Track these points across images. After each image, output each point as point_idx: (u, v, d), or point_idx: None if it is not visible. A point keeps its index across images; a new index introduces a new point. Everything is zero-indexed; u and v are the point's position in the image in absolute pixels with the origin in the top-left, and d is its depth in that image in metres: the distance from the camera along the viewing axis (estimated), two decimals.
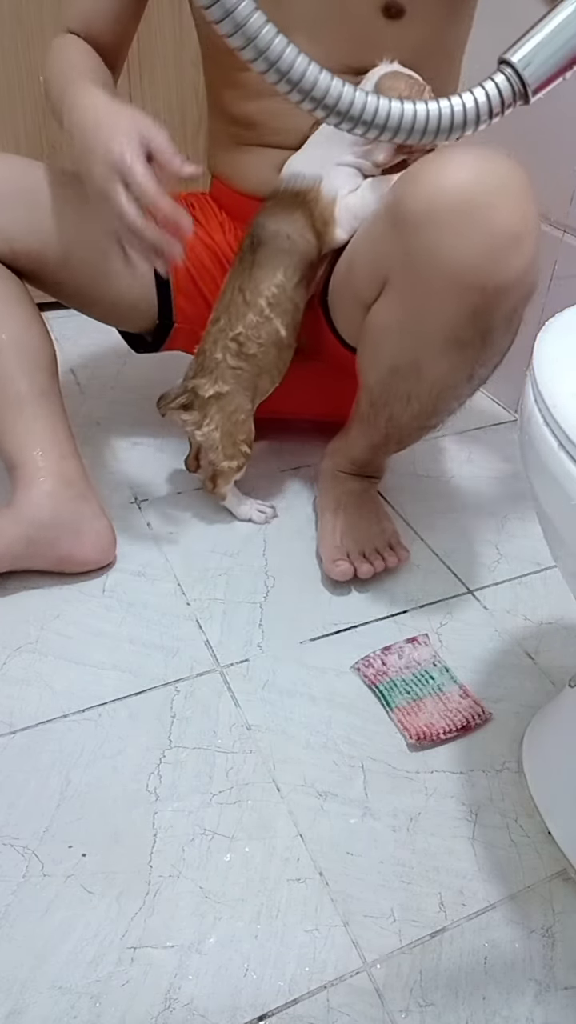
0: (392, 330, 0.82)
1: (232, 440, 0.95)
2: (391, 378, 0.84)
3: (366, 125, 0.63)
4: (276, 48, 0.58)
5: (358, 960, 0.63)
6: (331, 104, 0.61)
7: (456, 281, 0.72)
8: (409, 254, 0.74)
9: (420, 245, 0.73)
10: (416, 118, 0.63)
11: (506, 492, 1.15)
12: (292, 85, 0.60)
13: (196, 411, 0.93)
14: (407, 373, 0.83)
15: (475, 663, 0.88)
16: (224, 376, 0.91)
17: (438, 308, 0.75)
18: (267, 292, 0.88)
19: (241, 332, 0.89)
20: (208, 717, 0.80)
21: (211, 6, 0.55)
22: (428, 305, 0.75)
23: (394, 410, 0.87)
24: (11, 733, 0.77)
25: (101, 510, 0.94)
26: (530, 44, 0.63)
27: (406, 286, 0.78)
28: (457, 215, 0.70)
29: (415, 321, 0.78)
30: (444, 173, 0.71)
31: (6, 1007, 0.59)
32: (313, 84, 0.60)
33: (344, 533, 0.96)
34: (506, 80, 0.63)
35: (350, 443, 0.97)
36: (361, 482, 1.01)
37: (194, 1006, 0.59)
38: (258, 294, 0.89)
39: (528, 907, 0.67)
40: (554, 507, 0.54)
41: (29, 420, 0.91)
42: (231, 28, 0.56)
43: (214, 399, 0.92)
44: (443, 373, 0.81)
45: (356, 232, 0.89)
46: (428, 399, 0.85)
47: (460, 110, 0.64)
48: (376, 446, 0.95)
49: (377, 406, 0.88)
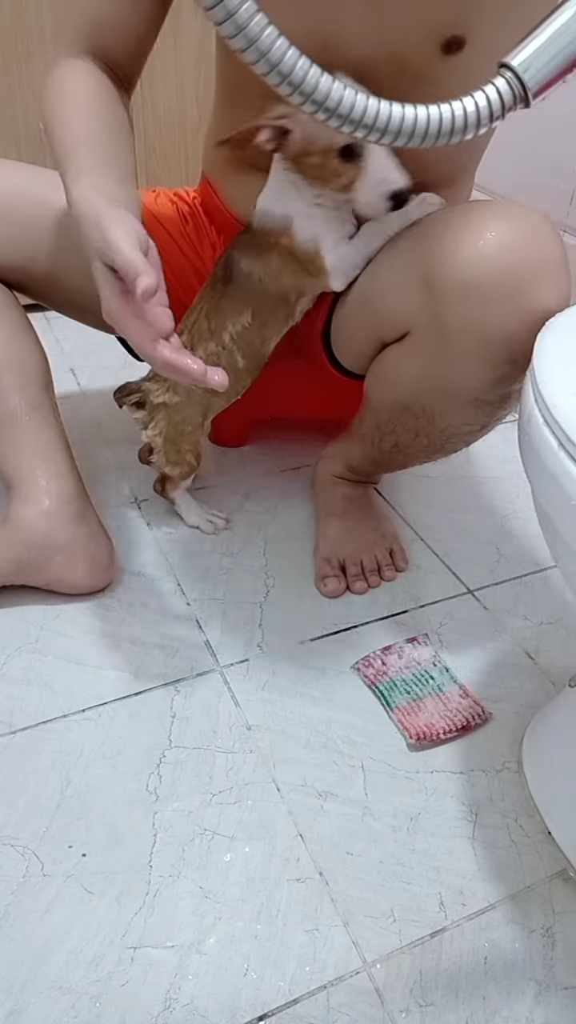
0: (410, 376, 0.80)
1: (176, 448, 0.94)
2: (402, 414, 0.84)
3: (367, 128, 0.63)
4: (266, 40, 0.57)
5: (358, 960, 0.63)
6: (332, 107, 0.61)
7: (490, 352, 0.71)
8: (441, 319, 0.73)
9: (455, 313, 0.71)
10: (417, 122, 0.63)
11: (506, 492, 1.15)
12: (290, 84, 0.60)
13: (146, 412, 0.93)
14: (419, 414, 0.82)
15: (475, 663, 0.88)
16: (176, 388, 0.90)
17: (465, 372, 0.74)
18: (231, 328, 0.86)
19: (201, 356, 0.87)
20: (208, 717, 0.80)
21: (214, 7, 0.55)
22: (454, 367, 0.74)
23: (401, 439, 0.87)
24: (11, 733, 0.77)
25: (101, 530, 0.92)
26: (530, 48, 0.63)
27: (433, 345, 0.76)
28: (498, 289, 0.68)
29: (437, 377, 0.77)
30: (484, 242, 0.69)
31: (6, 1007, 0.59)
32: (314, 86, 0.60)
33: (340, 543, 0.95)
34: (507, 84, 0.63)
35: (350, 452, 0.96)
36: (357, 488, 1.00)
37: (194, 1006, 0.59)
38: (222, 328, 0.86)
39: (528, 907, 0.67)
40: (554, 507, 0.54)
41: (22, 436, 0.89)
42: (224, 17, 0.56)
43: (162, 407, 0.92)
44: (457, 424, 0.81)
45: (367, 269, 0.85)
46: (438, 439, 0.84)
47: (461, 114, 0.64)
48: (377, 463, 0.95)
49: (384, 431, 0.88)
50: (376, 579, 0.94)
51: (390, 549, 0.97)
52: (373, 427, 0.89)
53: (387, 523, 1.00)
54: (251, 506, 1.08)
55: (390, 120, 0.63)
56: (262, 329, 0.88)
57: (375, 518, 1.00)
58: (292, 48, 0.59)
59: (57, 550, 0.87)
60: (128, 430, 1.20)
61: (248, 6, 0.56)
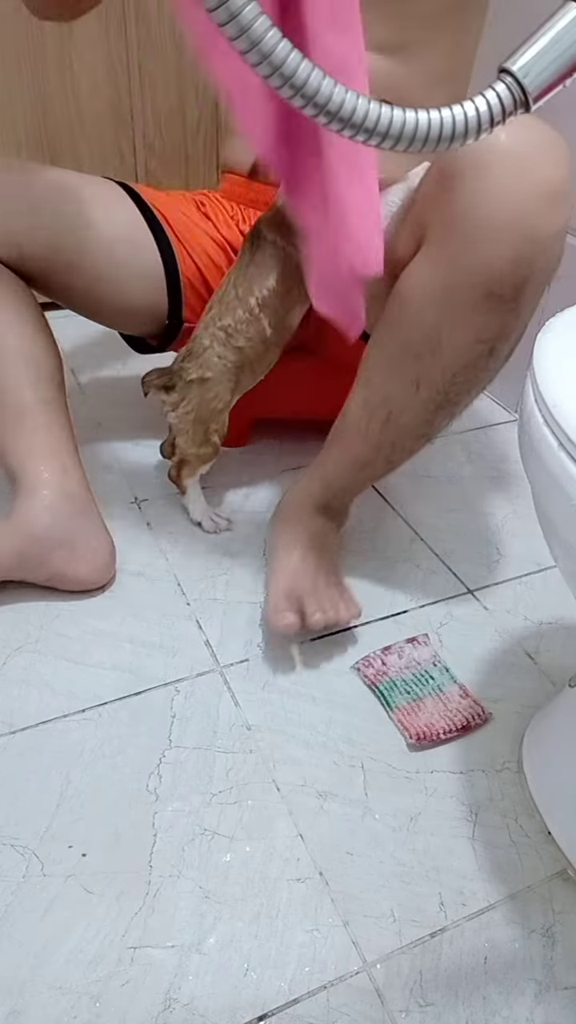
0: (422, 290, 0.77)
1: (204, 428, 0.95)
2: (402, 359, 0.80)
3: (367, 132, 0.63)
4: (269, 43, 0.57)
5: (358, 960, 0.63)
6: (333, 110, 0.61)
7: (501, 229, 0.71)
8: (453, 204, 0.73)
9: (467, 193, 0.71)
10: (418, 127, 0.64)
11: (506, 492, 1.15)
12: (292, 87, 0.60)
13: (176, 393, 0.94)
14: (423, 349, 0.79)
15: (475, 663, 0.88)
16: (209, 363, 0.92)
17: (478, 259, 0.72)
18: (258, 293, 0.89)
19: (230, 324, 0.90)
20: (208, 717, 0.80)
21: (217, 8, 0.55)
22: (468, 256, 0.73)
23: (394, 407, 0.83)
24: (11, 733, 0.77)
25: (103, 527, 0.93)
26: (530, 52, 0.64)
27: (446, 239, 0.75)
28: (506, 166, 0.69)
29: (451, 275, 0.74)
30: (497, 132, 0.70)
31: (6, 1007, 0.59)
32: (316, 89, 0.60)
33: (301, 577, 0.87)
34: (507, 89, 0.64)
35: (327, 466, 0.92)
36: (326, 523, 0.94)
37: (194, 1006, 0.59)
38: (249, 293, 0.89)
39: (528, 907, 0.67)
40: (554, 507, 0.54)
41: (31, 431, 0.90)
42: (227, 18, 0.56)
43: (196, 383, 0.92)
44: (465, 344, 0.77)
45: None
46: (439, 384, 0.80)
47: (462, 119, 0.65)
48: (361, 464, 0.90)
49: (373, 406, 0.85)
50: (334, 613, 0.85)
51: (342, 594, 0.89)
52: (360, 407, 0.85)
53: (341, 574, 0.93)
54: (251, 506, 1.08)
55: (391, 124, 0.63)
56: (286, 296, 0.90)
57: (334, 568, 0.93)
58: (295, 51, 0.59)
59: (59, 544, 0.88)
60: (128, 430, 1.20)
61: (251, 7, 0.56)
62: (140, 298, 0.99)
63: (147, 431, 1.19)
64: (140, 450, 1.16)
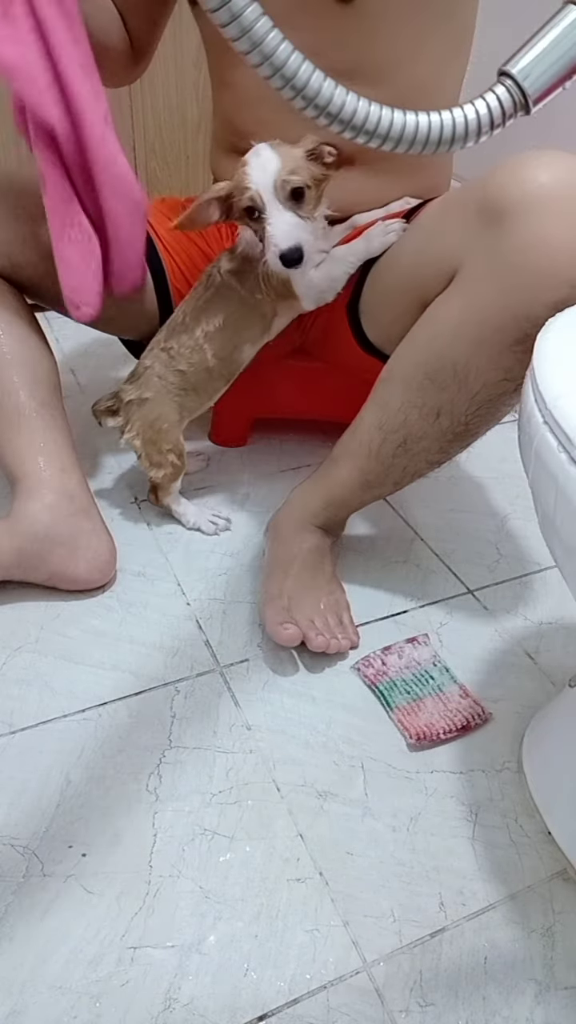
0: (453, 322, 0.76)
1: (156, 447, 0.95)
2: (426, 389, 0.79)
3: (368, 134, 0.63)
4: (271, 44, 0.57)
5: (358, 960, 0.63)
6: (334, 112, 0.61)
7: (547, 275, 0.69)
8: (497, 244, 0.71)
9: (513, 236, 0.70)
10: (418, 129, 0.64)
11: (506, 492, 1.15)
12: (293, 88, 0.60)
13: (121, 416, 0.95)
14: (449, 382, 0.78)
15: (475, 663, 0.88)
16: (148, 383, 0.93)
17: (519, 302, 0.71)
18: (205, 327, 0.91)
19: (173, 347, 0.92)
20: (208, 717, 0.80)
21: (218, 9, 0.55)
22: (508, 299, 0.71)
23: (412, 431, 0.82)
24: (11, 733, 0.77)
25: (103, 527, 0.93)
26: (529, 55, 0.64)
27: (486, 278, 0.73)
28: (554, 211, 0.68)
29: (488, 315, 0.73)
30: (539, 168, 0.70)
31: (6, 1007, 0.59)
32: (316, 91, 0.60)
33: (298, 595, 0.87)
34: (506, 91, 0.64)
35: (331, 483, 0.90)
36: (323, 538, 0.93)
37: (194, 1006, 0.59)
38: (197, 324, 0.91)
39: (528, 907, 0.67)
40: (554, 507, 0.54)
41: (29, 432, 0.90)
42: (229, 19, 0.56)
43: (135, 404, 0.94)
44: (493, 381, 0.76)
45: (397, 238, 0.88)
46: (462, 416, 0.80)
47: (462, 122, 0.65)
48: (368, 484, 0.89)
49: (388, 429, 0.83)
50: (336, 642, 0.85)
51: (341, 619, 0.88)
52: (374, 428, 0.85)
53: (340, 590, 0.92)
54: (251, 506, 1.08)
55: (391, 127, 0.63)
56: (235, 336, 0.92)
57: (333, 579, 0.92)
58: (296, 52, 0.59)
59: (59, 543, 0.88)
60: None
61: (253, 8, 0.56)
62: (130, 307, 0.99)
63: None
64: None
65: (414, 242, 0.86)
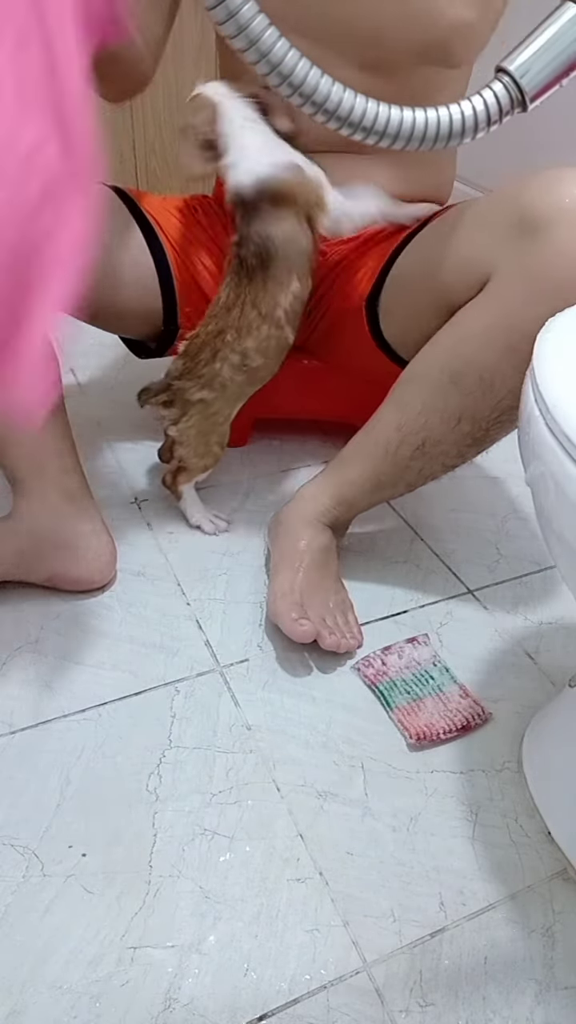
0: (481, 330, 0.77)
1: (206, 440, 0.95)
2: (450, 393, 0.79)
3: (365, 130, 0.64)
4: (267, 41, 0.58)
5: (358, 960, 0.63)
6: (331, 108, 0.62)
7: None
8: (535, 256, 0.72)
9: (551, 248, 0.71)
10: (415, 125, 0.64)
11: (506, 492, 1.15)
12: (290, 85, 0.60)
13: (176, 408, 0.94)
14: (474, 388, 0.78)
15: (475, 663, 0.88)
16: (211, 384, 0.91)
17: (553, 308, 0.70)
18: (284, 304, 0.87)
19: (250, 347, 0.88)
20: (208, 717, 0.80)
21: (216, 7, 0.55)
22: (541, 309, 0.70)
23: (431, 435, 0.82)
24: (11, 733, 0.77)
25: (103, 527, 0.92)
26: (527, 52, 0.64)
27: (521, 289, 0.74)
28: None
29: (519, 325, 0.73)
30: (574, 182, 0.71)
31: (6, 1007, 0.59)
32: (314, 88, 0.61)
33: (306, 594, 0.86)
34: (504, 88, 0.64)
35: (347, 475, 0.90)
36: (331, 537, 0.92)
37: (194, 1006, 0.59)
38: (275, 306, 0.86)
39: (528, 907, 0.67)
40: (554, 507, 0.54)
41: (30, 433, 0.89)
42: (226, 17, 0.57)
43: (199, 403, 0.93)
44: (519, 389, 0.75)
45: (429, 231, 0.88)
46: (484, 422, 0.80)
47: (459, 118, 0.65)
48: (381, 485, 0.89)
49: (408, 431, 0.83)
50: (345, 642, 0.85)
51: (347, 617, 0.89)
52: (392, 428, 0.84)
53: (345, 589, 0.92)
54: (251, 506, 1.08)
55: (388, 123, 0.63)
56: (303, 291, 0.88)
57: (338, 579, 0.92)
58: (293, 49, 0.59)
59: (59, 544, 0.88)
60: (128, 430, 1.20)
61: (249, 6, 0.56)
62: (134, 303, 0.99)
63: (147, 431, 1.19)
64: (140, 450, 1.16)
65: (441, 245, 0.85)
